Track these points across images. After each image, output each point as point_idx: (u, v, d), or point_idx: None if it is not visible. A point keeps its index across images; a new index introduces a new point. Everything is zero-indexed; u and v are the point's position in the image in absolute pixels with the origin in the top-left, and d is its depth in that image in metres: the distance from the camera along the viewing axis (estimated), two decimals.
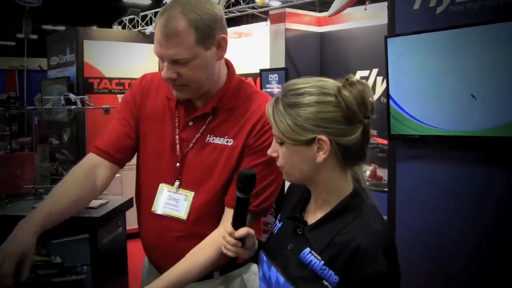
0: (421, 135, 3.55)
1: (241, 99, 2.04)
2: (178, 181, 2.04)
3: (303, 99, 1.54)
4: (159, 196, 2.07)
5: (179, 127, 2.05)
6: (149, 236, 2.13)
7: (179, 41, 1.84)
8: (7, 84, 14.44)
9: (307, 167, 1.58)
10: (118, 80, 8.55)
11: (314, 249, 1.56)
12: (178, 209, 2.03)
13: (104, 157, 2.07)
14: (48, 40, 9.92)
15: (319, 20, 6.74)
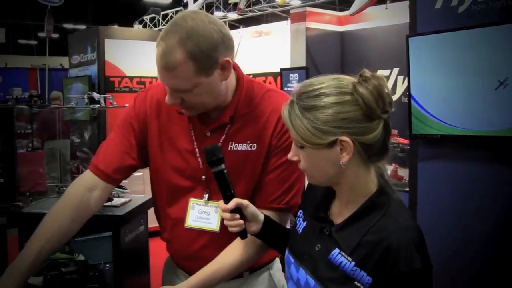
0: (442, 135, 3.54)
1: (256, 101, 2.02)
2: (206, 194, 2.03)
3: (320, 101, 1.49)
4: (190, 211, 2.05)
5: (197, 139, 2.01)
6: (181, 247, 2.12)
7: (177, 74, 1.79)
8: (29, 83, 14.57)
9: (330, 169, 1.54)
10: (139, 79, 8.60)
11: (343, 250, 1.52)
12: (210, 222, 2.03)
13: (102, 178, 2.03)
14: (70, 38, 10.00)
15: (339, 19, 6.74)
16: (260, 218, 1.81)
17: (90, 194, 2.01)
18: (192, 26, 1.78)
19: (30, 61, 17.62)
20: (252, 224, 1.80)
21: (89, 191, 2.01)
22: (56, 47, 17.50)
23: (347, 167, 1.52)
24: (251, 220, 1.79)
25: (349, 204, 1.59)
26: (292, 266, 1.69)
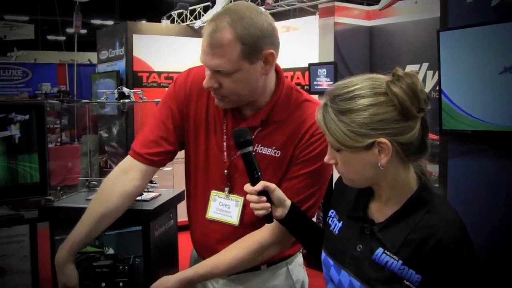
0: (473, 130, 3.49)
1: (291, 109, 2.02)
2: (227, 188, 2.06)
3: (355, 103, 1.47)
4: (211, 203, 2.09)
5: (227, 134, 2.04)
6: (201, 238, 2.15)
7: (223, 53, 1.81)
8: (58, 78, 14.69)
9: (369, 171, 1.52)
10: (166, 74, 8.63)
11: (388, 249, 1.51)
12: (230, 215, 2.06)
13: (140, 160, 2.07)
14: (98, 34, 10.06)
15: (368, 14, 6.69)
16: (287, 204, 1.80)
17: (126, 176, 2.06)
18: (244, 12, 1.83)
19: (58, 57, 17.79)
20: (279, 209, 1.79)
21: (124, 173, 2.07)
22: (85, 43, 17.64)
23: (386, 168, 1.50)
24: (277, 204, 1.78)
25: (390, 202, 1.57)
26: (332, 268, 1.67)
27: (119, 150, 8.30)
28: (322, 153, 1.86)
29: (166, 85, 8.51)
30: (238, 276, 2.10)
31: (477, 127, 3.45)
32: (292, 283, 2.18)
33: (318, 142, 1.97)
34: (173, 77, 8.58)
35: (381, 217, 1.58)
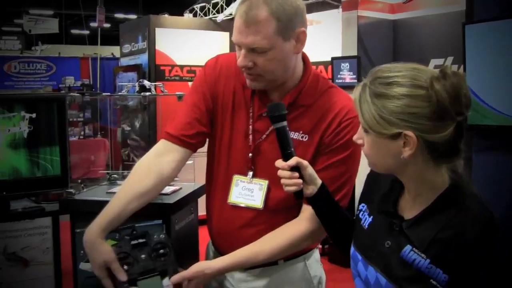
0: (498, 125, 3.45)
1: (317, 95, 2.02)
2: (251, 172, 2.05)
3: (392, 90, 1.44)
4: (233, 188, 2.07)
5: (253, 117, 2.03)
6: (220, 224, 2.13)
7: (259, 30, 1.82)
8: (81, 72, 14.79)
9: (392, 160, 1.49)
10: (189, 68, 8.64)
11: (416, 247, 1.47)
12: (254, 199, 2.04)
13: (175, 142, 2.06)
14: (121, 28, 10.10)
15: (392, 7, 6.61)
16: (318, 182, 1.78)
17: (161, 158, 2.04)
18: None
19: (82, 50, 17.90)
20: (310, 186, 1.77)
21: (159, 156, 2.05)
22: (108, 37, 17.72)
23: (410, 162, 1.47)
24: (308, 182, 1.76)
25: (419, 199, 1.53)
26: (360, 263, 1.65)
27: (141, 144, 8.31)
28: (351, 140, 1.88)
29: (189, 78, 8.53)
30: (255, 270, 2.08)
31: (503, 122, 3.41)
32: (310, 278, 2.16)
33: (347, 129, 1.96)
34: (195, 71, 8.63)
35: (411, 213, 1.55)
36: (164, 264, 1.80)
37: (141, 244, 1.87)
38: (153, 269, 1.79)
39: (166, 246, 1.83)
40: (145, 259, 1.83)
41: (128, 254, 1.83)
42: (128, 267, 1.80)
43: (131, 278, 1.77)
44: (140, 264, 1.81)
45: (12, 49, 19.66)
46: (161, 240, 1.85)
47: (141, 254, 1.84)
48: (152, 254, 1.84)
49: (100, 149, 9.10)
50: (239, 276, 2.12)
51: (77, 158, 8.13)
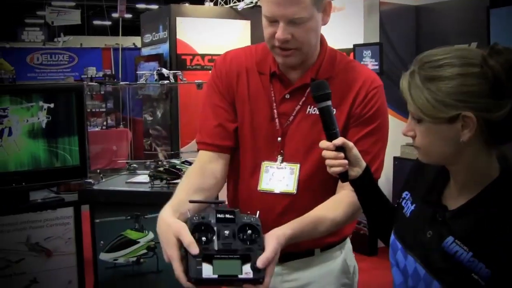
0: None
1: (338, 68, 1.99)
2: (281, 156, 2.00)
3: (444, 71, 1.38)
4: (263, 174, 2.02)
5: (276, 101, 1.99)
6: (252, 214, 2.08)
7: (297, 1, 1.81)
8: (103, 62, 14.84)
9: (449, 147, 1.42)
10: (210, 57, 8.62)
11: (459, 238, 1.41)
12: (286, 184, 2.00)
13: (214, 150, 2.03)
14: (142, 18, 10.13)
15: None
16: (362, 164, 1.72)
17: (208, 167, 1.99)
18: None
19: (104, 41, 17.93)
20: (354, 168, 1.71)
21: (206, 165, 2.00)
22: (129, 27, 17.77)
23: (467, 147, 1.40)
24: (353, 164, 1.70)
25: (465, 189, 1.46)
26: (399, 252, 1.60)
27: (162, 133, 8.34)
28: (381, 108, 1.89)
29: (210, 67, 8.48)
30: (291, 263, 2.04)
31: None
32: (347, 268, 2.12)
33: (374, 99, 1.93)
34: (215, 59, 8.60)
35: (455, 204, 1.48)
36: (249, 249, 1.54)
37: (228, 220, 1.62)
38: (234, 251, 1.53)
39: (255, 231, 1.63)
40: (228, 236, 1.61)
41: (209, 226, 1.55)
42: (206, 240, 1.52)
43: (207, 253, 1.51)
44: (220, 241, 1.53)
45: (35, 41, 19.77)
46: (252, 222, 1.63)
47: (225, 230, 1.63)
48: (237, 235, 1.64)
49: (122, 139, 9.12)
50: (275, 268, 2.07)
51: (99, 148, 8.17)
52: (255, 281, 1.49)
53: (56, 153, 3.45)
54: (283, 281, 2.06)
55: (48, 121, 3.43)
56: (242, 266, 1.51)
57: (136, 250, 3.38)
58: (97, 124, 10.19)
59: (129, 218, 3.34)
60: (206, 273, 1.47)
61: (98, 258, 3.39)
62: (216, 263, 1.50)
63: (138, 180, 3.66)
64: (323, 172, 1.81)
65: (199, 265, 1.47)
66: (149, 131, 8.81)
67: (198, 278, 1.46)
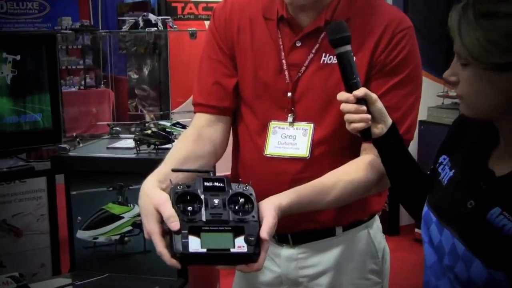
0: None
1: (357, 8, 1.93)
2: (292, 115, 1.97)
3: (506, 7, 1.32)
4: (271, 137, 1.99)
5: (285, 50, 1.96)
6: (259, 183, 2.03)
7: None
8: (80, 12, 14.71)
9: (499, 99, 1.38)
10: (205, 4, 8.55)
11: (507, 210, 1.37)
12: (297, 147, 1.96)
13: (210, 112, 2.04)
14: None
15: None
16: (387, 120, 1.70)
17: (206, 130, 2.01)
18: None
19: None
20: (378, 125, 1.69)
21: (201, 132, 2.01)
22: None
23: None
24: (377, 119, 1.68)
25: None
26: (434, 226, 1.57)
27: (150, 94, 8.29)
28: (411, 54, 1.88)
29: (205, 17, 8.43)
30: (308, 245, 2.02)
31: None
32: (375, 251, 2.09)
33: (402, 42, 1.88)
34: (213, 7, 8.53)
35: (504, 169, 1.44)
36: (241, 221, 1.53)
37: (217, 188, 1.58)
38: (225, 221, 1.53)
39: (249, 201, 1.62)
40: (218, 206, 1.55)
41: (196, 195, 1.55)
42: (192, 210, 1.52)
43: (194, 225, 1.50)
44: (209, 211, 1.53)
45: None
46: (244, 191, 1.61)
47: (214, 198, 1.56)
48: (228, 205, 1.56)
49: (103, 101, 9.12)
50: (287, 253, 2.05)
51: (76, 112, 8.15)
52: (250, 257, 1.49)
53: (25, 114, 3.40)
54: (299, 268, 2.04)
55: (14, 76, 3.36)
56: (235, 239, 1.49)
57: (119, 227, 3.35)
58: (74, 84, 10.17)
59: (111, 190, 3.31)
60: (193, 247, 1.45)
61: (75, 236, 3.36)
62: (204, 236, 1.49)
63: (121, 146, 3.62)
64: (342, 132, 1.81)
65: (184, 238, 1.45)
66: (135, 91, 8.77)
67: (184, 253, 1.44)
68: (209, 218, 1.51)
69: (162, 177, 1.72)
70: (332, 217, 1.96)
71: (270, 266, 2.07)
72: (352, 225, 2.05)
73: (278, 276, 2.08)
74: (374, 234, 2.10)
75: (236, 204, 1.55)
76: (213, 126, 2.02)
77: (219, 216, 1.52)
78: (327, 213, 1.94)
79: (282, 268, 2.06)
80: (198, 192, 1.54)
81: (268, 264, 2.06)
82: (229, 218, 1.52)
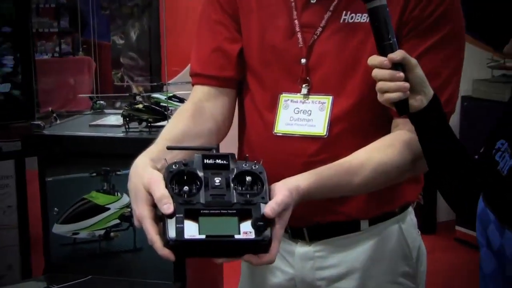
0: None
1: None
2: (306, 85, 1.95)
3: None
4: (281, 112, 1.98)
5: (297, 8, 1.93)
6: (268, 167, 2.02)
7: None
8: None
9: None
10: None
11: None
12: (312, 124, 1.95)
13: (211, 84, 2.03)
14: None
15: None
16: (428, 91, 1.68)
17: (207, 105, 2.01)
18: None
19: None
20: (417, 96, 1.66)
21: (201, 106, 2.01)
22: None
23: None
24: (416, 90, 1.65)
25: None
26: (492, 226, 1.53)
27: (139, 62, 8.33)
28: (452, 7, 1.84)
29: None
30: (327, 242, 1.99)
31: None
32: (408, 250, 2.06)
33: None
34: None
35: None
36: (248, 203, 1.51)
37: (219, 166, 1.58)
38: (229, 204, 1.51)
39: (258, 180, 1.59)
40: (220, 186, 1.53)
41: (194, 174, 1.54)
42: (189, 191, 1.50)
43: (191, 208, 1.49)
44: (209, 192, 1.51)
45: None
46: (253, 169, 1.59)
47: (215, 177, 1.55)
48: (233, 184, 1.59)
49: (82, 71, 9.09)
50: (303, 251, 2.02)
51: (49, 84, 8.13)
52: (258, 244, 1.47)
53: None
54: (316, 268, 2.02)
55: None
56: (240, 224, 1.48)
57: (104, 220, 3.37)
58: (47, 51, 10.14)
59: (94, 176, 3.33)
60: (190, 233, 1.44)
61: (51, 231, 3.38)
62: (203, 220, 1.48)
63: (106, 123, 3.64)
64: (367, 106, 1.84)
65: (179, 223, 1.45)
66: (120, 59, 8.79)
67: (179, 240, 1.43)
68: (209, 200, 1.51)
69: (155, 155, 1.72)
70: (356, 208, 1.94)
71: (281, 266, 2.05)
72: (381, 218, 2.02)
73: (291, 278, 2.06)
74: (407, 229, 2.07)
75: (242, 185, 1.54)
76: (214, 100, 2.03)
77: (222, 198, 1.52)
78: (351, 203, 1.93)
79: (296, 269, 2.04)
80: (197, 171, 1.54)
81: (280, 263, 2.04)
82: (233, 200, 1.51)
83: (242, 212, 1.49)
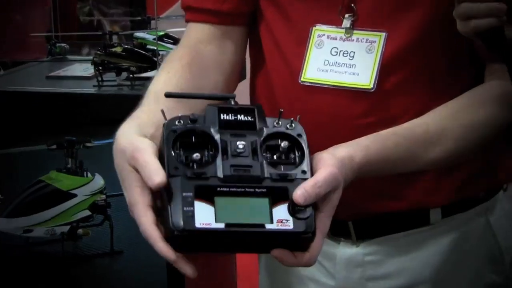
0: None
1: None
2: (350, 16, 1.90)
3: None
4: (312, 52, 1.93)
5: None
6: None
7: None
8: None
9: None
10: None
11: None
12: (355, 71, 1.90)
13: (212, 22, 2.02)
14: None
15: None
16: None
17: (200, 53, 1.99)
18: None
19: None
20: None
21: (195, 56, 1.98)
22: None
23: None
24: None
25: None
26: None
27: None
28: None
29: None
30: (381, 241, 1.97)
31: None
32: (498, 252, 2.03)
33: None
34: None
35: None
36: (284, 178, 1.48)
37: (243, 125, 1.56)
38: (257, 179, 1.48)
39: (296, 145, 1.54)
40: (244, 154, 1.51)
41: (206, 135, 1.51)
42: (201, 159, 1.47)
43: (203, 184, 1.46)
44: (229, 161, 1.48)
45: None
46: (289, 131, 1.56)
47: (237, 141, 1.53)
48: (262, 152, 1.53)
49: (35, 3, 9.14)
50: (348, 254, 2.00)
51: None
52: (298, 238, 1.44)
53: None
54: (367, 278, 2.01)
55: None
56: (272, 208, 1.44)
57: (69, 212, 3.34)
58: None
59: (53, 148, 3.29)
60: (203, 219, 1.41)
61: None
62: (221, 202, 1.45)
63: (70, 73, 3.63)
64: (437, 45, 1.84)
65: (188, 206, 1.40)
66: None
67: (187, 229, 1.38)
68: (229, 174, 1.47)
69: (145, 119, 1.68)
70: (424, 189, 1.91)
71: (316, 276, 2.04)
72: (459, 207, 1.99)
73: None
74: (498, 223, 2.06)
75: (275, 152, 1.51)
76: (218, 43, 2.02)
77: (246, 170, 1.48)
78: (417, 182, 1.90)
79: (338, 279, 2.02)
80: (211, 130, 1.50)
81: (314, 272, 2.03)
82: (262, 174, 1.48)
83: (275, 192, 1.46)
